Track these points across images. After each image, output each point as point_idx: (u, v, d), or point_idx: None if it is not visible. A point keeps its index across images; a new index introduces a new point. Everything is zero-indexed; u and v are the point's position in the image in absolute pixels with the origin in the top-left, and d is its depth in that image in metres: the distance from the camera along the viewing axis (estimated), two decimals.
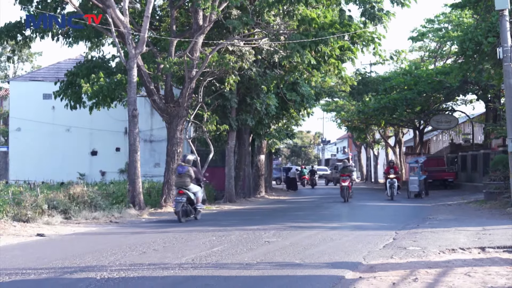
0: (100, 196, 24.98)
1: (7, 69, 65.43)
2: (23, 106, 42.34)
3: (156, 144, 41.40)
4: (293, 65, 32.36)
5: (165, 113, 28.68)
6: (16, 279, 10.22)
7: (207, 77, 29.30)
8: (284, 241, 15.31)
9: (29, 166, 40.82)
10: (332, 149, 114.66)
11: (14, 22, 29.73)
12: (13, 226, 18.36)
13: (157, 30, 33.18)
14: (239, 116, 34.39)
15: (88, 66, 31.33)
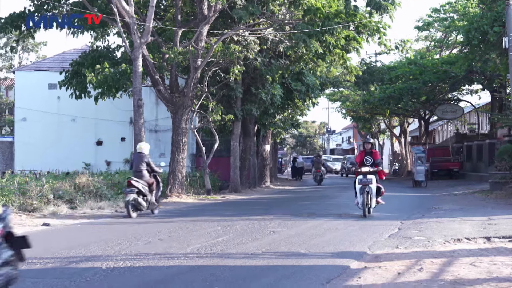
0: (106, 186, 25.01)
1: (12, 59, 65.54)
2: (28, 96, 42.35)
3: (161, 134, 41.41)
4: (298, 55, 32.32)
5: (170, 103, 28.69)
6: (22, 269, 10.18)
7: (212, 67, 29.27)
8: (289, 231, 15.31)
9: (34, 156, 40.86)
10: (337, 139, 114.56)
11: (19, 12, 29.68)
12: (18, 216, 18.41)
13: (162, 20, 33.15)
14: (244, 106, 34.38)
15: (93, 56, 31.31)
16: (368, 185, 18.18)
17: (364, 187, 18.15)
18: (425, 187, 36.81)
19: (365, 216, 17.98)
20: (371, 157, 18.83)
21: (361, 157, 19.10)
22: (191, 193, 29.32)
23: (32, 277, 9.48)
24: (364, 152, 19.16)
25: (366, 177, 18.31)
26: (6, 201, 20.50)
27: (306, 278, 9.58)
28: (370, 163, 18.73)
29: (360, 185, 18.29)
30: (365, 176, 18.34)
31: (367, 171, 18.46)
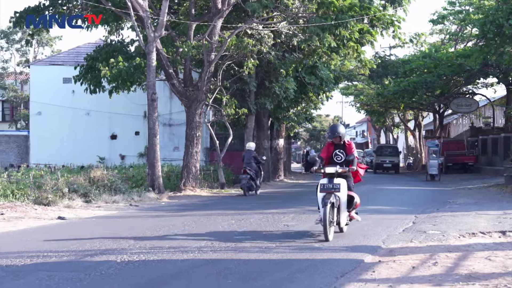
0: (120, 179, 25.10)
1: (27, 54, 65.73)
2: (43, 90, 42.51)
3: (175, 128, 41.46)
4: (312, 49, 32.24)
5: (184, 97, 28.72)
6: (38, 262, 10.30)
7: (225, 60, 29.26)
8: (302, 224, 15.31)
9: (49, 150, 41.02)
10: (351, 132, 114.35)
11: (33, 6, 29.78)
12: (34, 210, 18.50)
13: (176, 14, 33.16)
14: (258, 99, 34.36)
15: (108, 50, 31.37)
16: (334, 194, 12.67)
17: (327, 196, 12.59)
18: (438, 181, 36.69)
19: (327, 239, 12.27)
20: (343, 151, 13.44)
21: (327, 151, 13.61)
22: (205, 187, 29.36)
23: (48, 270, 9.53)
24: (332, 145, 13.61)
25: (332, 181, 12.76)
26: (22, 194, 20.66)
27: (320, 272, 9.58)
28: (341, 160, 13.38)
29: (322, 193, 12.77)
30: (331, 180, 12.79)
31: (332, 172, 12.87)
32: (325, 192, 12.70)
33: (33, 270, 9.62)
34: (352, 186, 13.34)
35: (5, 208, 18.06)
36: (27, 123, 55.30)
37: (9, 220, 16.40)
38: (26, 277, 9.14)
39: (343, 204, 12.91)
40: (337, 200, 12.69)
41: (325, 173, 12.97)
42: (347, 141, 13.60)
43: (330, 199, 12.49)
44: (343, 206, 12.93)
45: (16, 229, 14.95)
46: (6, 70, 65.75)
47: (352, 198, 13.21)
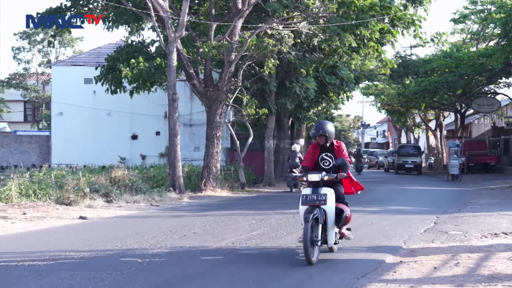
0: (141, 179, 25.19)
1: (49, 54, 66.13)
2: (64, 90, 42.75)
3: (195, 128, 41.53)
4: (332, 48, 32.16)
5: (204, 97, 28.77)
6: (60, 261, 10.36)
7: (246, 61, 29.28)
8: None
9: (71, 150, 41.25)
10: (372, 132, 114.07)
11: (55, 7, 29.95)
12: (56, 209, 18.61)
13: (196, 14, 33.22)
14: (278, 100, 34.34)
15: (128, 50, 31.48)
16: (318, 207, 10.37)
17: (311, 209, 10.31)
18: (460, 181, 36.50)
19: (310, 262, 10.00)
20: (331, 155, 11.08)
21: (313, 155, 11.25)
22: (226, 187, 29.39)
23: (70, 270, 9.59)
24: (317, 147, 11.23)
25: (317, 191, 10.48)
26: (44, 194, 20.80)
27: (341, 272, 9.56)
28: (329, 165, 11.03)
29: (304, 207, 10.48)
30: (315, 190, 10.52)
31: (317, 180, 10.56)
32: (308, 205, 10.36)
33: (55, 269, 9.68)
34: (343, 196, 10.95)
35: (28, 207, 18.18)
36: (48, 123, 55.66)
37: (31, 219, 16.51)
38: (48, 276, 9.19)
39: (331, 219, 10.44)
40: (322, 215, 10.28)
41: (308, 181, 10.62)
42: (335, 142, 11.10)
43: (313, 213, 10.13)
44: (331, 222, 10.46)
45: (38, 228, 15.05)
46: (28, 70, 66.20)
47: (342, 212, 10.65)
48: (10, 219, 16.22)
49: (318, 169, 11.03)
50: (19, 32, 65.35)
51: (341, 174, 10.75)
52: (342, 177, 10.80)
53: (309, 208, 10.33)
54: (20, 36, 65.19)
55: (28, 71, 66.13)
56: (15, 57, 66.13)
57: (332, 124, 11.37)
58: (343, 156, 10.91)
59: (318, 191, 10.46)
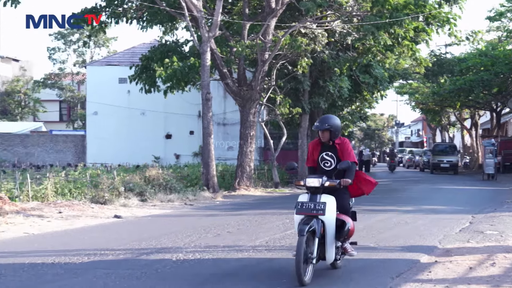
0: (175, 179, 25.30)
1: (84, 54, 66.69)
2: (99, 90, 43.12)
3: (229, 127, 41.63)
4: (366, 47, 32.00)
5: (238, 96, 28.82)
6: (95, 260, 10.45)
7: (279, 60, 29.28)
8: (357, 224, 15.09)
9: (105, 149, 41.60)
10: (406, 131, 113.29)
11: (90, 8, 30.19)
12: (91, 208, 18.76)
13: (230, 14, 33.27)
14: (311, 99, 34.27)
15: (162, 50, 31.63)
16: (316, 218, 8.87)
17: (307, 220, 8.83)
18: (495, 180, 36.13)
19: (302, 283, 8.51)
20: (333, 155, 9.48)
21: (313, 154, 9.69)
22: (259, 186, 29.41)
23: (105, 268, 9.67)
24: (319, 144, 9.65)
25: (316, 199, 8.97)
26: (79, 193, 21.00)
27: (376, 272, 9.53)
28: (330, 167, 9.44)
29: (300, 216, 9.01)
30: (313, 198, 9.01)
31: (316, 186, 9.02)
32: (304, 215, 8.91)
33: (91, 268, 9.77)
34: (348, 205, 9.40)
35: (63, 206, 18.36)
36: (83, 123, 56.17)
37: (67, 218, 16.67)
38: (83, 274, 9.28)
39: (330, 232, 8.94)
40: (320, 227, 8.80)
41: (305, 186, 9.14)
42: (340, 140, 9.50)
43: (309, 225, 8.65)
44: (330, 235, 8.95)
45: (73, 227, 15.19)
46: (63, 70, 66.84)
47: (344, 224, 9.09)
48: (46, 218, 16.39)
49: (318, 171, 9.47)
50: (54, 32, 66.03)
51: (345, 180, 9.08)
52: (347, 183, 9.12)
53: (305, 218, 8.85)
54: (55, 37, 65.84)
55: (63, 71, 66.75)
56: (51, 57, 66.81)
57: (339, 120, 9.67)
58: (348, 156, 9.28)
59: (316, 199, 8.93)
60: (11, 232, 13.97)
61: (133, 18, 30.84)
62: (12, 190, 19.95)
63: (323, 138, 9.49)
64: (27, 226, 14.88)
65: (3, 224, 14.85)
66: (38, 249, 11.67)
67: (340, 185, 9.09)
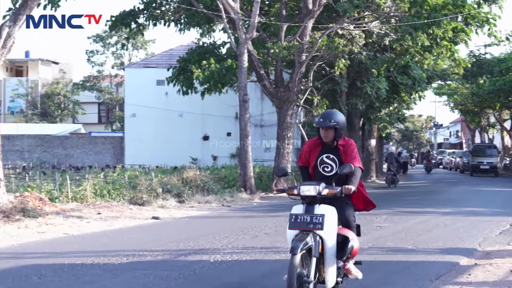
0: (212, 180, 25.39)
1: (122, 57, 67.26)
2: (137, 92, 43.44)
3: (266, 129, 41.64)
4: (404, 48, 31.81)
5: (275, 98, 28.81)
6: (134, 260, 10.52)
7: (316, 61, 29.21)
8: (396, 226, 15.13)
9: (143, 151, 41.89)
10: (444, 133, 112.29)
11: (128, 11, 30.48)
12: (129, 209, 18.91)
13: (267, 15, 33.29)
14: (349, 100, 34.15)
15: (200, 52, 31.80)
16: (312, 233, 7.32)
17: (302, 236, 7.26)
18: None
19: None
20: (335, 157, 7.95)
21: (309, 154, 8.19)
22: None
23: (143, 269, 9.72)
24: (319, 145, 8.11)
25: (312, 211, 7.44)
26: (118, 194, 21.18)
27: (414, 274, 9.45)
28: (330, 172, 7.93)
29: (293, 231, 7.44)
30: (310, 209, 7.48)
31: (312, 195, 7.49)
32: (298, 230, 7.36)
33: (129, 268, 9.84)
34: (352, 218, 7.83)
35: (102, 207, 18.53)
36: (122, 124, 56.61)
37: (106, 219, 16.81)
38: (122, 275, 9.35)
39: (330, 251, 7.40)
40: (317, 244, 7.25)
41: (299, 195, 7.59)
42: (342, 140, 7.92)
43: (305, 241, 7.11)
44: (330, 254, 7.41)
45: (112, 228, 15.32)
46: (102, 73, 67.50)
47: (346, 240, 7.60)
48: (86, 219, 16.56)
49: (316, 176, 8.00)
50: (93, 35, 66.69)
51: (347, 188, 7.47)
52: (349, 192, 7.48)
53: (299, 234, 7.29)
54: (94, 40, 66.51)
55: (102, 73, 67.41)
56: (89, 60, 67.51)
57: (343, 116, 8.02)
58: (353, 160, 7.73)
59: (313, 210, 7.40)
60: (51, 233, 14.14)
61: (171, 21, 31.06)
62: (52, 191, 20.20)
63: (325, 138, 7.91)
64: (67, 227, 15.04)
65: (44, 225, 15.05)
66: (78, 249, 11.79)
67: (342, 193, 7.48)
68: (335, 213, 7.49)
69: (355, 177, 7.63)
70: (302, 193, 7.52)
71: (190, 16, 30.15)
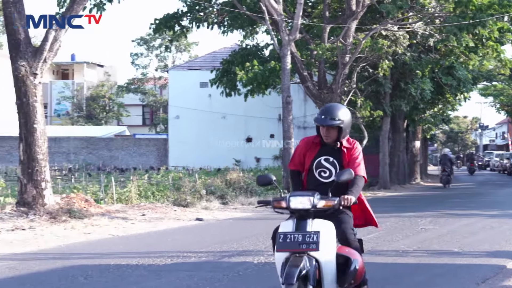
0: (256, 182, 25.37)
1: (166, 59, 67.77)
2: (181, 94, 43.71)
3: (309, 130, 41.50)
4: (449, 49, 31.52)
5: (318, 100, 28.74)
6: (178, 262, 10.57)
7: (360, 62, 29.07)
8: (441, 228, 14.98)
9: (187, 153, 42.11)
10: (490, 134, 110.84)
11: (172, 13, 30.69)
12: (173, 211, 19.02)
13: (310, 17, 33.23)
14: (393, 101, 33.92)
15: (243, 54, 31.89)
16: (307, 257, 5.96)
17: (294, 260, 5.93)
18: None
19: None
20: (336, 161, 6.64)
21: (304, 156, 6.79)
22: None
23: (187, 270, 9.77)
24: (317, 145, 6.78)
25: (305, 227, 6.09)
26: (162, 196, 21.32)
27: (460, 277, 9.34)
28: (328, 178, 6.59)
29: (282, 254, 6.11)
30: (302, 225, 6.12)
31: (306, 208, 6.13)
32: (288, 252, 6.00)
33: (173, 269, 9.89)
34: (351, 230, 6.50)
35: (146, 209, 18.68)
36: (166, 126, 57.04)
37: (150, 220, 16.94)
38: (167, 276, 9.40)
39: (329, 276, 6.07)
40: (314, 269, 5.93)
41: (290, 208, 6.22)
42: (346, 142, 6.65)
43: (299, 267, 5.80)
44: (329, 281, 6.09)
45: (156, 229, 15.43)
46: (146, 75, 68.07)
47: (348, 262, 6.22)
48: (130, 220, 16.70)
49: (310, 182, 6.60)
50: (137, 38, 67.33)
51: (347, 198, 6.17)
52: (349, 203, 6.22)
53: (291, 257, 5.95)
54: (137, 43, 67.14)
55: (146, 76, 68.00)
56: (134, 63, 68.16)
57: (349, 112, 6.71)
58: (356, 166, 6.44)
59: (306, 226, 6.03)
60: (97, 234, 14.30)
61: (214, 23, 31.19)
62: (97, 193, 20.43)
63: (326, 138, 6.55)
64: (112, 228, 15.19)
65: (89, 226, 15.22)
66: (123, 250, 11.90)
67: (340, 205, 6.15)
68: (332, 228, 6.07)
69: (357, 186, 6.33)
70: (293, 206, 6.09)
71: (233, 18, 30.26)
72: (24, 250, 11.94)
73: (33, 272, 9.73)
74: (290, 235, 5.99)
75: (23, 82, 16.27)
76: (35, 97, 16.37)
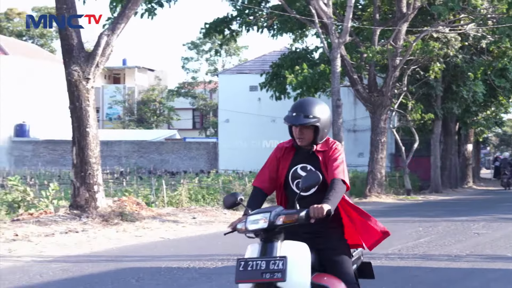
0: None
1: (216, 63, 68.09)
2: (231, 98, 43.83)
3: (359, 134, 41.30)
4: (502, 50, 31.11)
5: (368, 103, 28.60)
6: (228, 265, 10.59)
7: (411, 65, 28.85)
8: (494, 233, 14.76)
9: (237, 156, 42.19)
10: None
11: (222, 17, 30.87)
12: (223, 214, 19.08)
13: (360, 20, 33.12)
14: (444, 104, 33.57)
15: (292, 57, 31.90)
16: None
17: None
18: None
19: None
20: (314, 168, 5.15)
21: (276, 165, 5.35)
22: (391, 193, 29.05)
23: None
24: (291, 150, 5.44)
25: (272, 250, 4.67)
26: (212, 199, 21.42)
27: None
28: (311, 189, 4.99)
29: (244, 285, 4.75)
30: (268, 248, 4.71)
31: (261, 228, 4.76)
32: (250, 283, 4.71)
33: (224, 272, 9.92)
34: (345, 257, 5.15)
35: (197, 212, 18.78)
36: (216, 130, 57.29)
37: (201, 224, 17.03)
38: (217, 279, 9.45)
39: None
40: None
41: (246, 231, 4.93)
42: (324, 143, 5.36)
43: None
44: None
45: (207, 232, 15.51)
46: (196, 79, 68.48)
47: None
48: (181, 223, 16.81)
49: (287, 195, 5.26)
50: (187, 42, 67.82)
51: (317, 208, 4.72)
52: (318, 215, 4.72)
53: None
54: (188, 47, 67.61)
55: (196, 80, 68.41)
56: (184, 67, 68.64)
57: (328, 107, 5.38)
58: (334, 170, 5.12)
59: (272, 251, 4.71)
60: (148, 237, 14.43)
61: (264, 27, 31.26)
62: (148, 196, 20.60)
63: (300, 140, 5.29)
64: (163, 231, 15.32)
65: (141, 229, 15.37)
66: (174, 253, 11.99)
67: (310, 218, 4.73)
68: (305, 251, 4.71)
69: (334, 192, 4.90)
70: (249, 228, 4.85)
71: (283, 21, 30.30)
72: (77, 252, 12.12)
73: (86, 274, 9.87)
74: (252, 261, 4.67)
75: (76, 87, 16.48)
76: (87, 102, 16.57)
